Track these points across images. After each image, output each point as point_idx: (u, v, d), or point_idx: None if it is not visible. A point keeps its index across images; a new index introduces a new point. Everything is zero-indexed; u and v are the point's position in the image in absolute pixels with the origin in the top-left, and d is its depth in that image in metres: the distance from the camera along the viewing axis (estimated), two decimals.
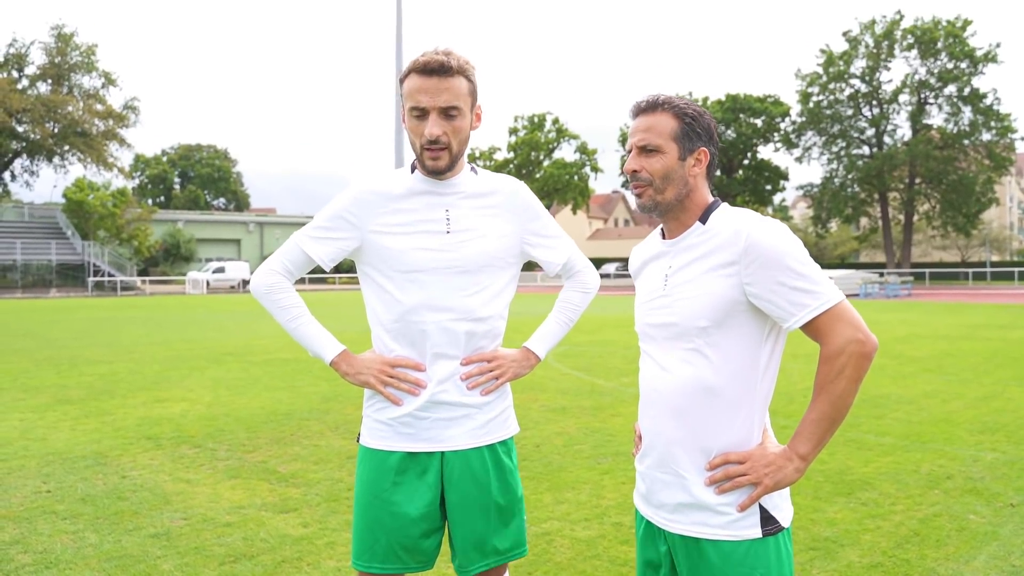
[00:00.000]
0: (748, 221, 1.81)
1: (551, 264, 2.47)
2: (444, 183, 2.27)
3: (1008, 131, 53.79)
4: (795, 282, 1.75)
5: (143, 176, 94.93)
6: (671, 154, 1.89)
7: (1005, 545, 4.12)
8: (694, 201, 1.92)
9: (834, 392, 1.77)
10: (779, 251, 1.76)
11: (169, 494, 5.07)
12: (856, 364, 1.76)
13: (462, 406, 2.27)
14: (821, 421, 1.79)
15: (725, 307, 1.81)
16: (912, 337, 15.42)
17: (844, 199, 57.91)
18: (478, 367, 2.29)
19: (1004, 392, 8.81)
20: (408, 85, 2.15)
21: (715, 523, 1.84)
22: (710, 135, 1.92)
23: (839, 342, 1.75)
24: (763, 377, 1.85)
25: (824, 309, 1.76)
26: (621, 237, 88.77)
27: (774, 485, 1.80)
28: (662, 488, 1.92)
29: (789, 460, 1.80)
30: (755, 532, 1.82)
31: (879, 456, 5.95)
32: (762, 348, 1.84)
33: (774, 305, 1.78)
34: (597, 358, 12.08)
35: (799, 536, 4.25)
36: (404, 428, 2.26)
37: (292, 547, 4.14)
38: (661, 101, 1.92)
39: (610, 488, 5.19)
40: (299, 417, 7.53)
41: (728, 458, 1.83)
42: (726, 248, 1.81)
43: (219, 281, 54.89)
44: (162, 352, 13.47)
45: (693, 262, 1.87)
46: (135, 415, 7.69)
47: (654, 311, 1.95)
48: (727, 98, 62.23)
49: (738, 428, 1.84)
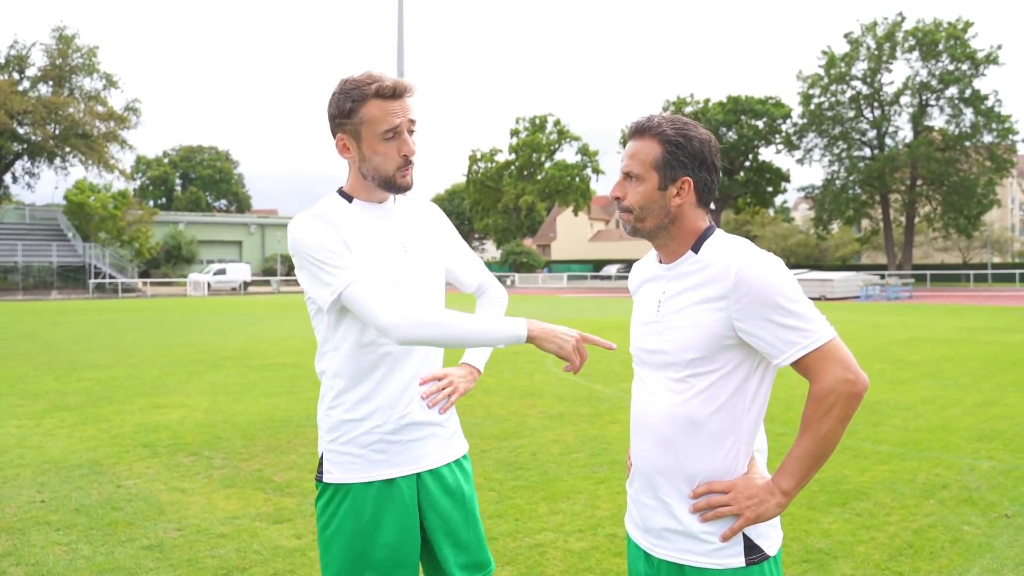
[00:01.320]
0: (739, 255, 1.77)
1: (469, 279, 2.53)
2: (385, 207, 2.27)
3: (1009, 133, 53.76)
4: (785, 319, 1.73)
5: (144, 178, 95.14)
6: (650, 183, 1.85)
7: (998, 557, 4.12)
8: (683, 229, 1.88)
9: (820, 431, 1.76)
10: (769, 287, 1.73)
11: (164, 504, 5.07)
12: (844, 404, 1.74)
13: (429, 424, 2.26)
14: (805, 459, 1.78)
15: (714, 340, 1.79)
16: (912, 341, 15.40)
17: (845, 201, 57.84)
18: (435, 385, 2.26)
19: (1003, 398, 8.80)
20: (373, 110, 2.12)
21: (699, 550, 1.83)
22: (699, 161, 1.85)
23: (829, 381, 1.74)
24: (750, 409, 1.84)
25: (813, 348, 1.73)
26: (623, 239, 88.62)
27: (755, 518, 1.79)
28: (648, 513, 1.92)
29: (771, 494, 1.79)
30: (738, 561, 1.81)
31: (875, 464, 5.94)
32: (750, 381, 1.83)
33: (763, 342, 1.75)
34: (596, 363, 12.06)
35: (793, 548, 4.25)
36: (376, 455, 2.19)
37: (285, 559, 4.14)
38: (650, 126, 1.86)
39: (605, 498, 5.18)
40: (296, 424, 7.53)
41: (712, 487, 1.82)
42: (717, 281, 1.78)
43: (220, 283, 54.93)
44: (161, 356, 13.48)
45: (685, 291, 1.85)
46: (132, 422, 7.70)
47: (646, 336, 1.94)
48: (728, 100, 62.22)
49: (723, 458, 1.83)
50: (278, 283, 58.75)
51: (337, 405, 2.21)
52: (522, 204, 69.36)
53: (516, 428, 7.31)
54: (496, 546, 4.31)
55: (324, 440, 2.25)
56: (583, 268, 79.28)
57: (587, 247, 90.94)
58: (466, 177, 73.69)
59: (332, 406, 2.22)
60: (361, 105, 2.13)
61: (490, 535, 4.49)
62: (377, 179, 2.19)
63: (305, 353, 13.75)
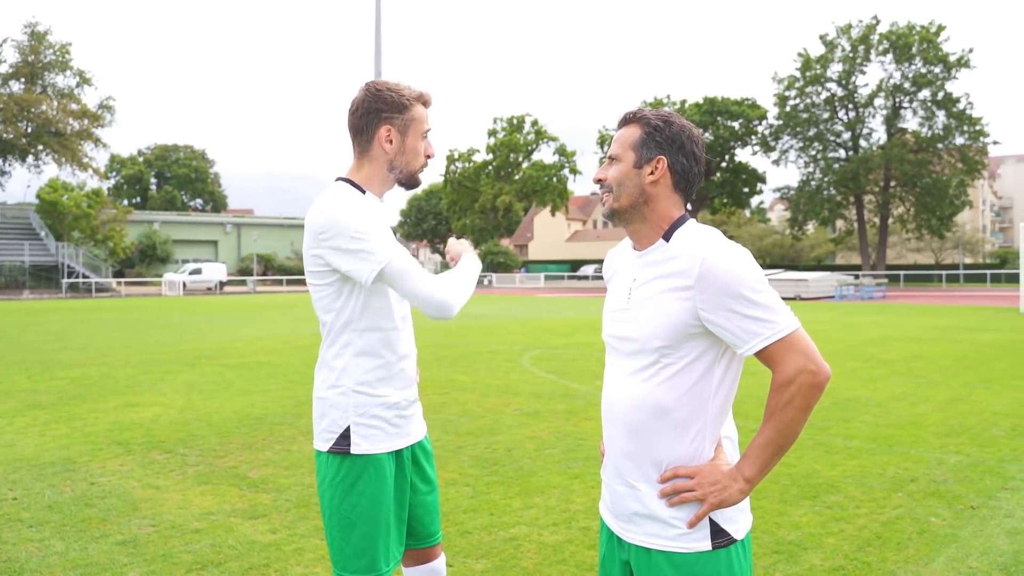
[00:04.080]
0: (707, 245, 1.81)
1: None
2: (382, 202, 2.55)
3: (980, 135, 54.48)
4: (748, 310, 1.76)
5: (119, 176, 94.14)
6: (627, 162, 1.93)
7: (963, 547, 4.20)
8: (656, 213, 1.93)
9: (782, 420, 1.80)
10: (734, 278, 1.76)
11: (138, 500, 5.05)
12: (806, 394, 1.78)
13: (418, 400, 2.59)
14: (768, 446, 1.82)
15: (680, 329, 1.83)
16: (884, 339, 15.59)
17: (820, 202, 58.36)
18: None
19: (971, 395, 8.94)
20: (419, 112, 2.47)
21: (666, 535, 1.87)
22: (677, 145, 1.91)
23: (790, 372, 1.77)
24: (715, 396, 1.87)
25: (776, 338, 1.77)
26: (600, 239, 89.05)
27: (719, 503, 1.83)
28: (619, 498, 1.96)
29: (735, 480, 1.83)
30: (705, 545, 1.85)
31: (846, 459, 6.03)
32: (715, 368, 1.86)
33: (728, 331, 1.79)
34: (571, 361, 12.13)
35: (764, 540, 4.31)
36: (393, 428, 2.43)
37: (260, 554, 4.15)
38: (634, 114, 1.96)
39: (579, 492, 5.22)
40: (271, 422, 7.52)
41: (678, 472, 1.86)
42: (684, 271, 1.82)
43: (196, 283, 54.50)
44: (136, 355, 13.38)
45: (654, 279, 1.89)
46: (106, 420, 7.65)
47: (617, 323, 1.98)
48: (705, 101, 62.53)
49: (689, 443, 1.87)
50: (254, 283, 58.41)
51: (365, 382, 2.39)
52: (499, 204, 69.36)
53: (492, 425, 7.34)
54: (471, 540, 4.34)
55: (349, 415, 2.38)
56: (560, 268, 79.48)
57: (564, 247, 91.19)
58: (443, 177, 73.54)
59: (361, 382, 2.38)
60: (413, 105, 2.45)
61: (465, 529, 4.52)
62: (404, 173, 2.48)
63: (281, 352, 13.71)
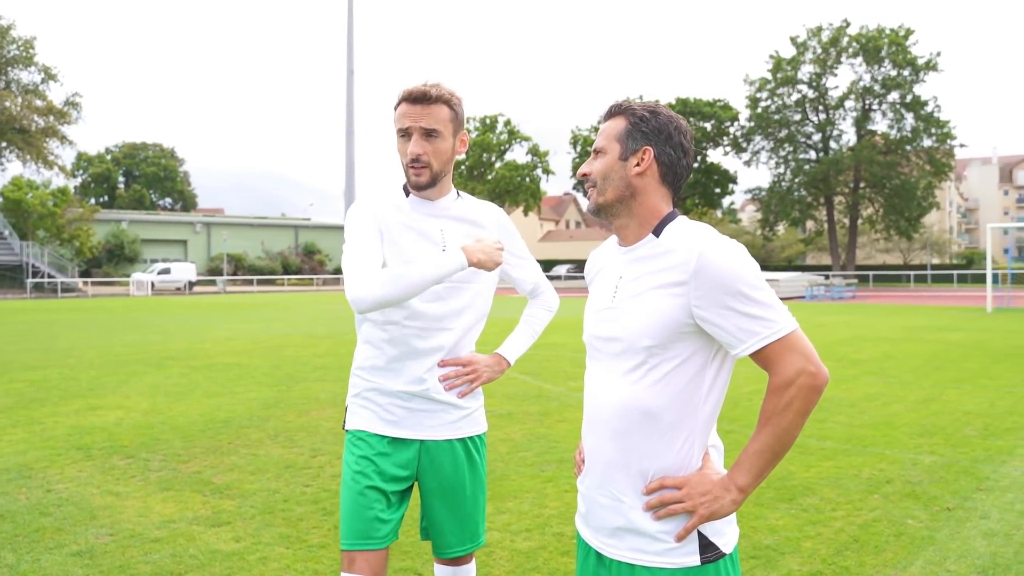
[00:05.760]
0: (702, 239, 1.71)
1: (524, 283, 2.79)
2: (435, 204, 2.52)
3: (947, 138, 55.22)
4: (746, 308, 1.66)
5: (86, 175, 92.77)
6: (612, 154, 1.84)
7: (941, 550, 4.15)
8: (644, 207, 1.83)
9: (780, 425, 1.69)
10: (731, 274, 1.67)
11: (96, 508, 4.87)
12: (805, 397, 1.68)
13: (437, 402, 2.50)
14: (764, 453, 1.71)
15: (671, 327, 1.72)
16: (855, 339, 15.66)
17: (791, 202, 58.85)
18: (454, 370, 2.53)
19: (942, 395, 8.96)
20: (397, 111, 2.45)
21: (652, 549, 1.76)
22: (664, 136, 1.82)
23: (789, 373, 1.68)
24: (706, 400, 1.77)
25: (775, 338, 1.67)
26: (572, 239, 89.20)
27: (709, 515, 1.73)
28: (600, 510, 1.85)
29: (727, 490, 1.73)
30: (693, 560, 1.74)
31: (821, 461, 5.98)
32: (707, 371, 1.76)
33: (722, 330, 1.69)
34: (545, 362, 12.04)
35: (741, 544, 4.22)
36: (388, 415, 2.49)
37: (222, 563, 4.00)
38: (620, 106, 1.88)
39: (553, 497, 5.12)
40: (238, 425, 7.34)
41: (665, 483, 1.76)
42: (677, 266, 1.72)
43: (165, 283, 53.83)
44: (100, 357, 13.09)
45: (643, 276, 1.79)
46: (66, 424, 7.43)
47: (601, 323, 1.87)
48: (677, 101, 62.78)
49: (677, 451, 1.76)
50: (224, 283, 57.76)
51: (362, 368, 2.53)
52: None
53: None
54: None
55: (349, 394, 2.59)
56: None
57: (537, 247, 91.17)
58: None
59: (360, 367, 2.55)
60: (397, 106, 2.46)
61: None
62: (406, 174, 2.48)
63: (250, 353, 13.49)
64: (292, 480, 5.51)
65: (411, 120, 2.40)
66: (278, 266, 69.44)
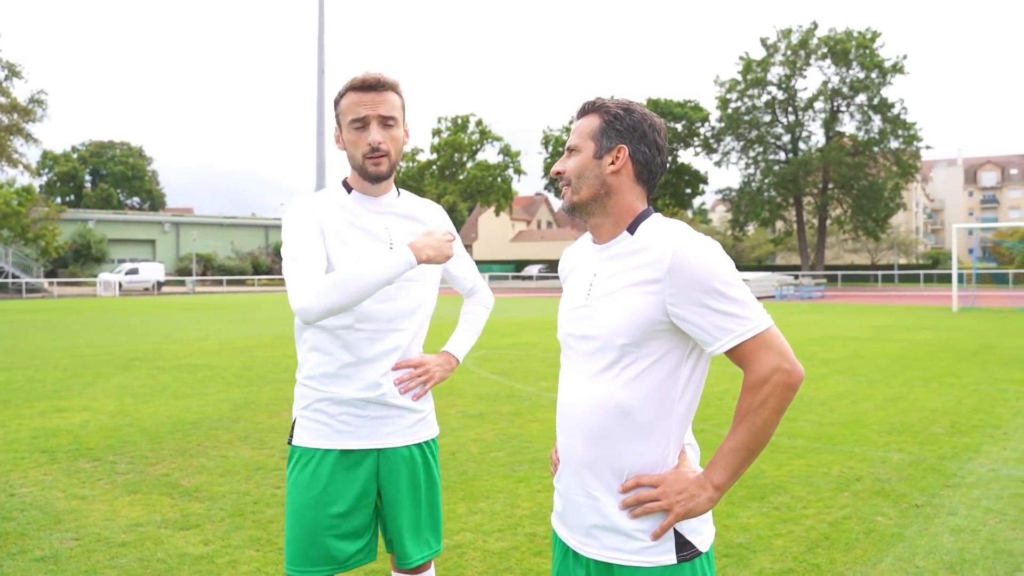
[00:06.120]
0: (677, 237, 1.71)
1: (464, 280, 2.76)
2: (379, 201, 2.45)
3: (914, 139, 56.08)
4: (721, 305, 1.66)
5: (51, 174, 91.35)
6: (587, 152, 1.83)
7: (910, 546, 4.19)
8: (619, 205, 1.83)
9: (755, 423, 1.69)
10: (707, 271, 1.66)
11: (61, 512, 4.78)
12: (780, 395, 1.68)
13: (394, 407, 2.42)
14: (739, 451, 1.71)
15: (646, 325, 1.72)
16: (825, 339, 15.82)
17: (761, 203, 59.41)
18: (408, 372, 2.45)
19: (910, 393, 9.07)
20: (347, 101, 2.35)
21: (628, 548, 1.75)
22: (638, 134, 1.81)
23: (764, 371, 1.68)
24: (681, 398, 1.77)
25: (750, 335, 1.68)
26: (544, 239, 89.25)
27: (685, 513, 1.72)
28: (576, 509, 1.84)
29: (703, 488, 1.72)
30: (670, 558, 1.74)
31: (792, 459, 6.02)
32: (682, 369, 1.76)
33: (698, 328, 1.69)
34: (516, 362, 12.03)
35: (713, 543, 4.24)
36: (342, 426, 2.38)
37: (191, 567, 3.94)
38: (593, 104, 1.87)
39: (525, 497, 5.11)
40: (207, 426, 7.25)
41: (641, 481, 1.75)
42: (652, 264, 1.71)
43: (132, 283, 53.15)
44: (66, 358, 12.88)
45: (618, 274, 1.78)
46: (30, 427, 7.29)
47: (576, 321, 1.86)
48: (648, 102, 63.10)
49: (652, 449, 1.76)
50: (193, 283, 57.14)
51: (311, 378, 2.42)
52: (443, 204, 69.09)
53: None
54: None
55: (297, 407, 2.46)
56: (505, 268, 79.55)
57: (509, 247, 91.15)
58: None
59: (308, 376, 2.42)
60: (342, 98, 2.37)
61: None
62: (355, 167, 2.40)
63: (219, 354, 13.34)
64: (262, 482, 5.45)
65: (368, 108, 2.32)
66: (248, 266, 68.81)
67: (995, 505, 4.88)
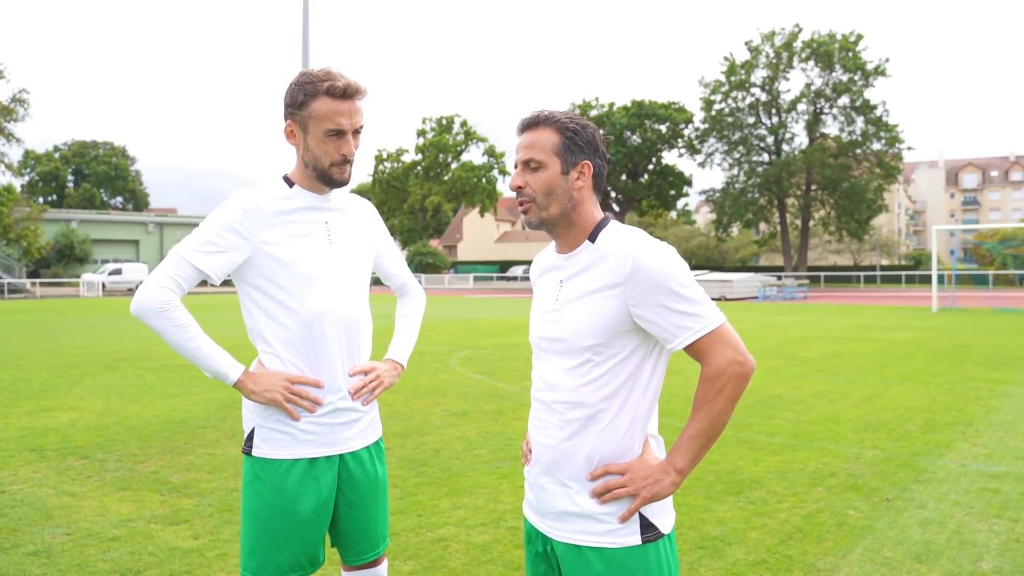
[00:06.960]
0: (635, 243, 1.84)
1: (396, 276, 2.77)
2: (323, 198, 2.41)
3: (896, 141, 56.53)
4: (678, 305, 1.80)
5: (33, 173, 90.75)
6: (553, 168, 1.91)
7: (879, 538, 4.34)
8: (581, 216, 1.95)
9: (712, 410, 1.83)
10: (664, 274, 1.80)
11: (52, 508, 4.86)
12: (735, 384, 1.82)
13: (354, 411, 2.42)
14: (699, 437, 1.85)
15: (611, 327, 1.85)
16: (806, 339, 16.01)
17: (745, 204, 59.72)
18: (362, 380, 2.45)
19: (887, 391, 9.25)
20: (321, 107, 2.26)
21: (596, 531, 1.88)
22: (594, 148, 1.94)
23: (720, 363, 1.82)
24: (645, 392, 1.90)
25: (705, 332, 1.81)
26: (529, 240, 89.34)
27: (651, 497, 1.86)
28: (547, 497, 1.97)
29: (666, 473, 1.86)
30: (635, 539, 1.87)
31: (768, 455, 6.17)
32: (645, 365, 1.89)
33: (658, 327, 1.82)
34: (500, 361, 12.14)
35: (689, 536, 4.38)
36: (306, 435, 2.35)
37: (181, 560, 4.04)
38: (544, 117, 1.94)
39: (507, 492, 5.23)
40: (194, 425, 7.33)
41: (609, 469, 1.88)
42: (614, 270, 1.84)
43: (116, 283, 52.85)
44: (51, 359, 12.90)
45: (583, 280, 1.90)
46: (17, 426, 7.34)
47: (546, 324, 1.98)
48: (633, 104, 63.34)
49: (619, 440, 1.89)
50: None
51: None
52: (428, 205, 69.09)
53: (420, 426, 7.30)
54: (399, 541, 4.31)
55: (255, 416, 2.37)
56: (489, 269, 79.60)
57: (493, 248, 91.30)
58: (372, 177, 72.84)
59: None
60: (312, 99, 2.26)
61: (393, 530, 4.47)
62: (316, 171, 2.33)
63: None
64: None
65: (346, 119, 2.27)
66: None
67: (963, 499, 5.04)
